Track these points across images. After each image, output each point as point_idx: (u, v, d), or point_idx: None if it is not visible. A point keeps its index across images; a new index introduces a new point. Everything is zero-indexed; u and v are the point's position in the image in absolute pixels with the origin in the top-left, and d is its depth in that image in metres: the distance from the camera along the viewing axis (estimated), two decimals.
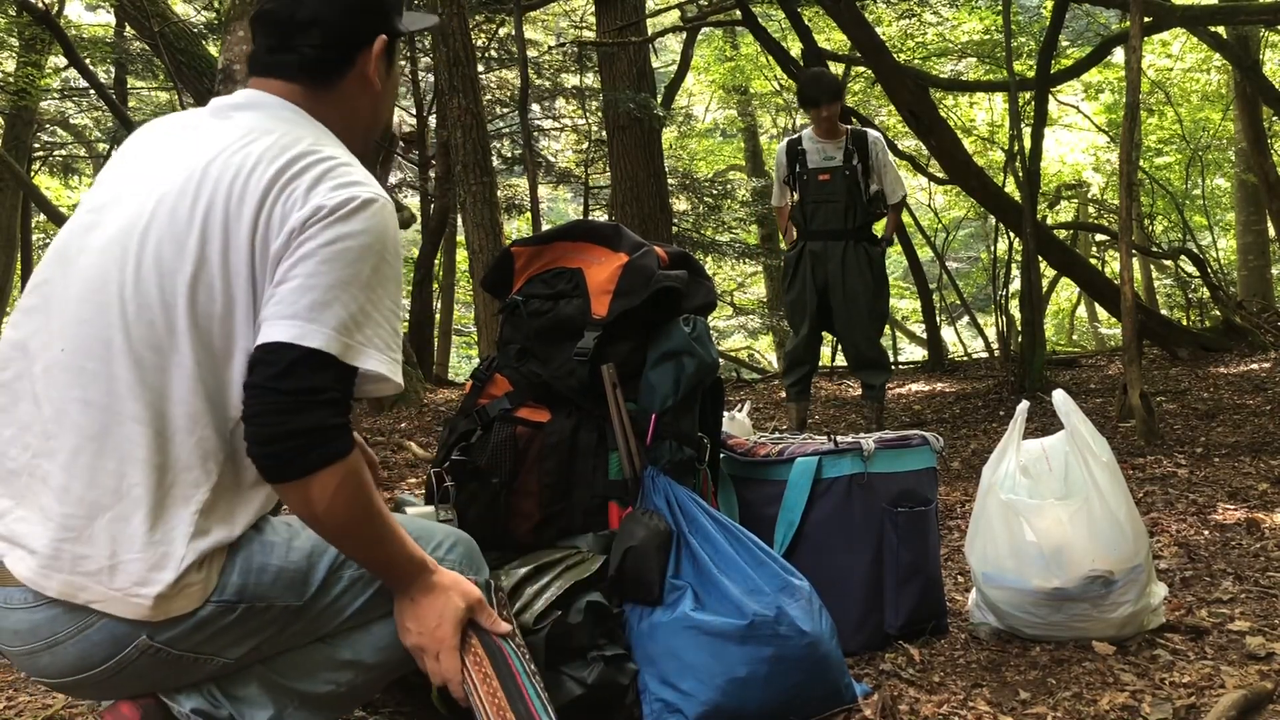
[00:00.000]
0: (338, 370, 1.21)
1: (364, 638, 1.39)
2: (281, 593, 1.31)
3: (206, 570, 1.25)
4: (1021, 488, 2.16)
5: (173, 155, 1.32)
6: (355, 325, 1.23)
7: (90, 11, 11.61)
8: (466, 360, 16.70)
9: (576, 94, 9.76)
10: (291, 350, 1.20)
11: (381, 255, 1.27)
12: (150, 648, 1.25)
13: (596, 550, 1.82)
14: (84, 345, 1.24)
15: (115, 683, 1.29)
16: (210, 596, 1.26)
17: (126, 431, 1.23)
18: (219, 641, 1.29)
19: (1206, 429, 4.82)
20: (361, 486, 1.23)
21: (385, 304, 1.27)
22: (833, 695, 1.76)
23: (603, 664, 1.69)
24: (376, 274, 1.26)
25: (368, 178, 1.31)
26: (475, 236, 5.56)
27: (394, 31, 1.46)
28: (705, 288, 2.01)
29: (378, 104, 1.48)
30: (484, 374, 2.02)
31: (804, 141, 4.83)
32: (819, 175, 4.76)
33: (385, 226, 1.28)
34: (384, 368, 1.25)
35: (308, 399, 1.19)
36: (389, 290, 1.28)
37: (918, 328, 14.20)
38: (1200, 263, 9.26)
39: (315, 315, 1.21)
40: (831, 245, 4.75)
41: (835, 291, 4.74)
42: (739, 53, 13.35)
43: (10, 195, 10.17)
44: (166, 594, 1.22)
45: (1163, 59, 12.13)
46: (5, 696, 2.04)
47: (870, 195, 4.79)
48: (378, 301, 1.26)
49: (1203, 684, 1.83)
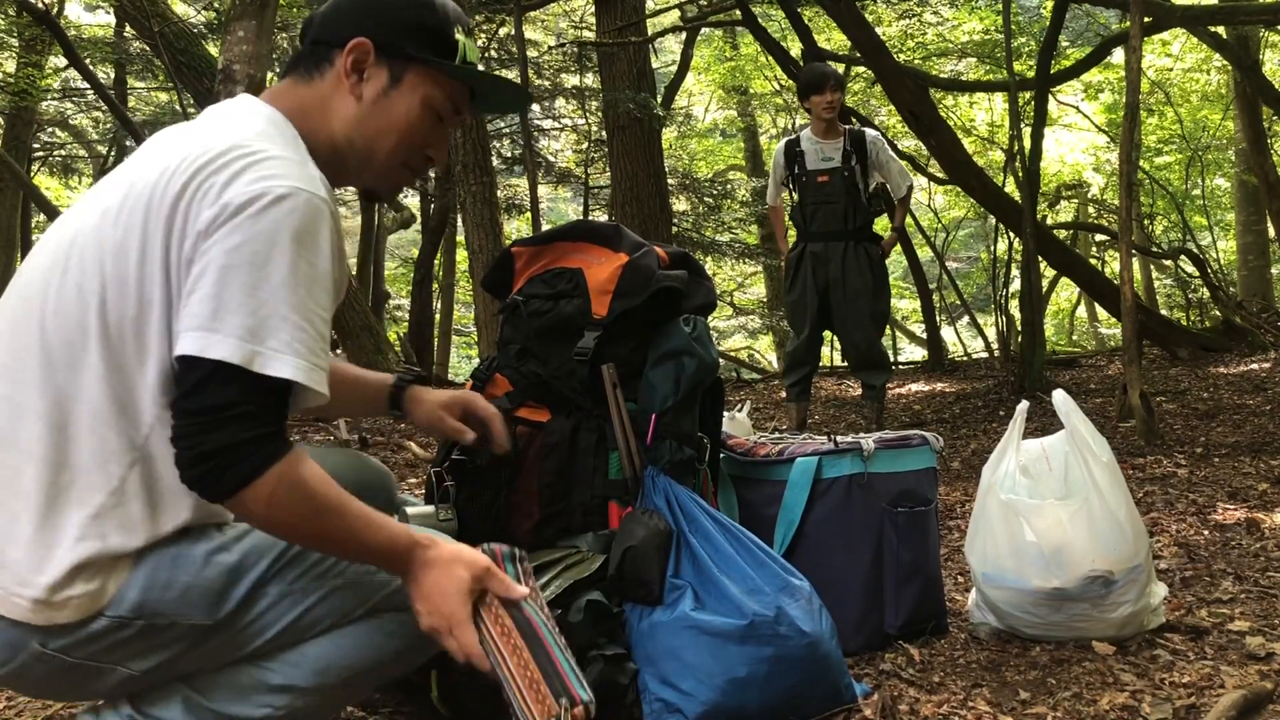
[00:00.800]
0: (248, 381, 1.13)
1: (296, 658, 1.30)
2: (188, 610, 1.23)
3: (100, 580, 1.19)
4: (1021, 488, 2.16)
5: (138, 161, 1.29)
6: (266, 331, 1.14)
7: (89, 12, 11.62)
8: (466, 360, 16.71)
9: (576, 94, 9.76)
10: (198, 365, 1.13)
11: (297, 254, 1.17)
12: (44, 654, 1.20)
13: (596, 550, 1.82)
14: (10, 342, 1.23)
15: (22, 685, 1.26)
16: (104, 610, 1.19)
17: (29, 427, 1.19)
18: (119, 653, 1.23)
19: (1206, 429, 4.83)
20: (300, 488, 1.17)
21: (304, 307, 1.17)
22: (833, 695, 1.76)
23: (602, 663, 1.69)
24: (293, 274, 1.16)
25: (294, 171, 1.21)
26: (475, 236, 5.57)
27: (392, 46, 1.36)
28: (705, 288, 2.01)
29: (362, 119, 1.35)
30: (484, 374, 2.02)
31: (802, 143, 4.83)
32: (818, 177, 4.77)
33: (302, 222, 1.17)
34: (300, 375, 1.15)
35: (216, 417, 1.13)
36: (311, 292, 1.18)
37: (918, 328, 14.21)
38: (1200, 263, 9.26)
39: (219, 324, 1.13)
40: (832, 246, 4.77)
41: (836, 292, 4.76)
42: (739, 53, 13.35)
43: (10, 195, 10.18)
44: (45, 599, 1.16)
45: (1163, 59, 12.14)
46: (5, 696, 2.03)
47: (869, 195, 4.80)
48: (296, 304, 1.16)
49: (1203, 684, 1.83)
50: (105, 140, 11.36)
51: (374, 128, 1.36)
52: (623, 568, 1.76)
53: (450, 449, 1.92)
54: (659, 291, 1.91)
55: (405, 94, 1.36)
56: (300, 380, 1.16)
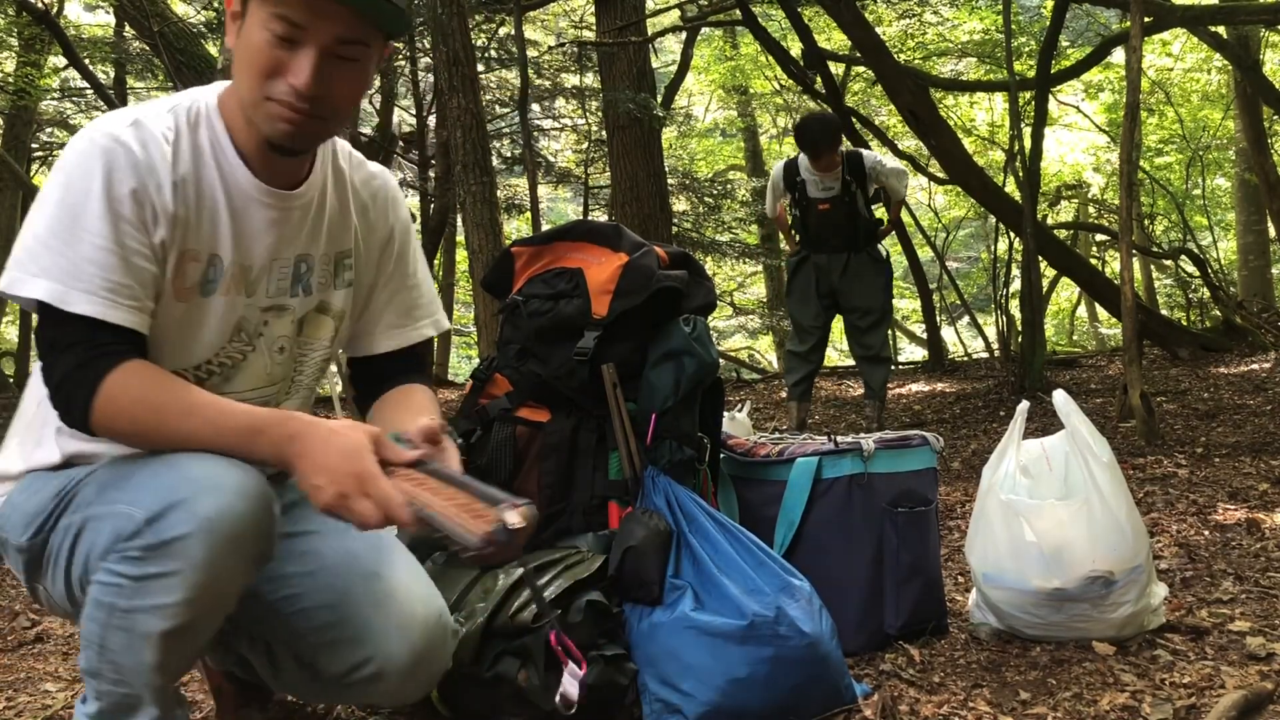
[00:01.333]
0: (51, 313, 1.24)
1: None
2: (10, 530, 1.36)
3: None
4: (1021, 488, 2.16)
5: None
6: (30, 256, 1.24)
7: (89, 12, 11.61)
8: (466, 360, 16.69)
9: (576, 94, 9.76)
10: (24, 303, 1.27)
11: (66, 185, 1.24)
12: None
13: (596, 550, 1.82)
14: None
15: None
16: None
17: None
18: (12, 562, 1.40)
19: (1206, 429, 4.82)
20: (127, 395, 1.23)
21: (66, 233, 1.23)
22: (833, 695, 1.76)
23: (602, 664, 1.69)
24: (60, 204, 1.24)
25: (109, 120, 1.28)
26: (475, 236, 5.55)
27: None
28: (705, 288, 2.01)
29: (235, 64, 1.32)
30: (484, 374, 2.02)
31: (801, 171, 4.86)
32: (819, 205, 4.84)
33: (79, 158, 1.25)
34: (51, 297, 1.21)
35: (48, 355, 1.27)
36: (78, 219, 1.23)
37: (918, 328, 14.20)
38: (1200, 263, 9.25)
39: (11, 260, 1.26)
40: (834, 258, 4.86)
41: (840, 295, 4.85)
42: (739, 53, 13.34)
43: (10, 195, 10.17)
44: None
45: (1163, 59, 12.14)
46: (5, 697, 2.04)
47: (870, 214, 4.87)
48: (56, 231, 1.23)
49: (1203, 684, 1.83)
50: None
51: (239, 68, 1.32)
52: (623, 568, 1.75)
53: None
54: (659, 291, 1.91)
55: (250, 25, 1.29)
56: (52, 302, 1.22)
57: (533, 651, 1.65)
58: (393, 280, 1.58)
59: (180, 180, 1.31)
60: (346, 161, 1.52)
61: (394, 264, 1.57)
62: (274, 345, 1.45)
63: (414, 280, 1.60)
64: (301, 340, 1.49)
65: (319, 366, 1.55)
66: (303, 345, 1.50)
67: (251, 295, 1.40)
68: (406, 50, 8.75)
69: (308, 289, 1.46)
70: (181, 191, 1.31)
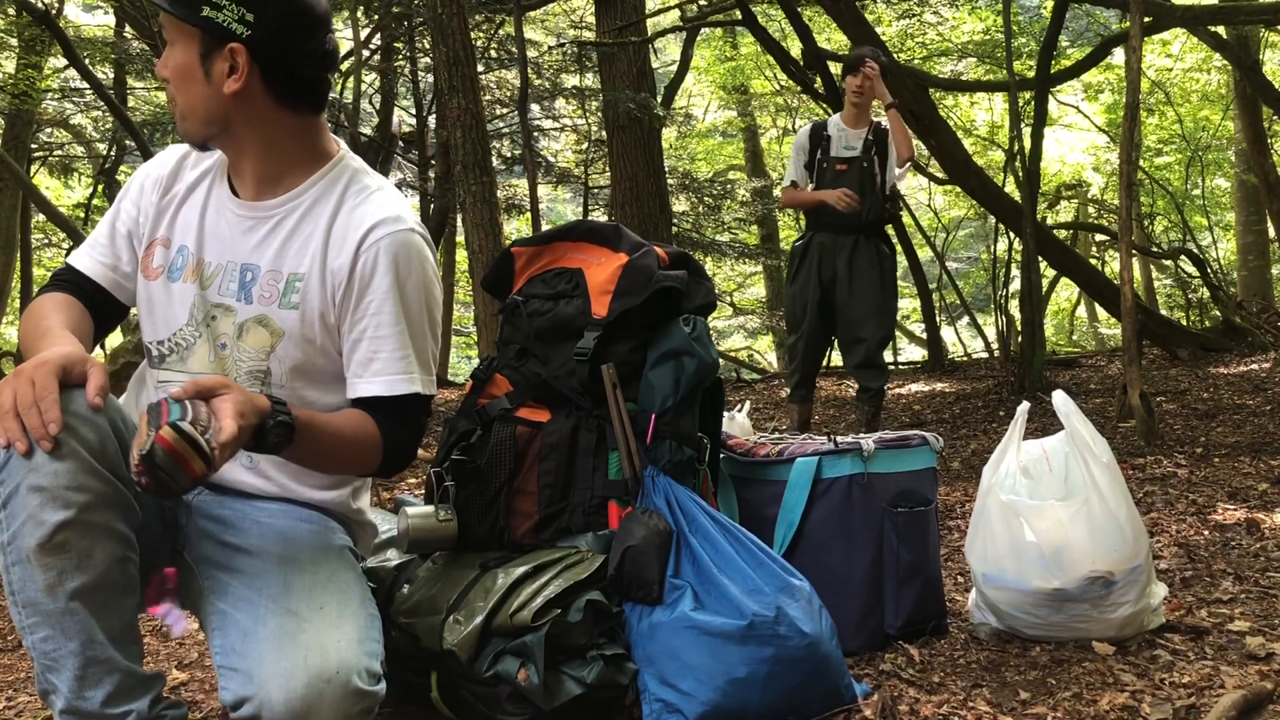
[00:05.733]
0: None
1: None
2: None
3: None
4: (1022, 488, 2.16)
5: None
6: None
7: (89, 12, 11.61)
8: (466, 360, 16.70)
9: (576, 94, 9.76)
10: None
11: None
12: None
13: (596, 550, 1.81)
14: None
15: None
16: None
17: None
18: None
19: (1206, 429, 4.82)
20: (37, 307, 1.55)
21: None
22: (833, 695, 1.76)
23: (602, 663, 1.69)
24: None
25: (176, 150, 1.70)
26: (475, 236, 5.54)
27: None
28: (705, 288, 2.01)
29: None
30: (484, 374, 2.02)
31: (829, 127, 4.72)
32: (837, 164, 4.63)
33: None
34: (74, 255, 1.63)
35: None
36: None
37: (918, 328, 14.20)
38: (1200, 263, 9.26)
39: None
40: (841, 239, 4.59)
41: (841, 287, 4.58)
42: (739, 53, 13.35)
43: (10, 195, 10.16)
44: None
45: (1163, 59, 12.14)
46: (5, 697, 2.04)
47: (887, 194, 4.69)
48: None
49: (1203, 684, 1.83)
50: (105, 140, 11.34)
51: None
52: (623, 568, 1.75)
53: (450, 449, 1.92)
54: (659, 291, 1.91)
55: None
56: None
57: (532, 651, 1.65)
58: (356, 328, 1.57)
59: (171, 177, 1.66)
60: (355, 195, 1.59)
61: (365, 315, 1.56)
62: (217, 340, 1.59)
63: (384, 334, 1.57)
64: (240, 345, 1.58)
65: (251, 375, 1.57)
66: (240, 349, 1.58)
67: (205, 289, 1.59)
68: (406, 50, 8.75)
69: (249, 298, 1.57)
70: (169, 186, 1.65)
